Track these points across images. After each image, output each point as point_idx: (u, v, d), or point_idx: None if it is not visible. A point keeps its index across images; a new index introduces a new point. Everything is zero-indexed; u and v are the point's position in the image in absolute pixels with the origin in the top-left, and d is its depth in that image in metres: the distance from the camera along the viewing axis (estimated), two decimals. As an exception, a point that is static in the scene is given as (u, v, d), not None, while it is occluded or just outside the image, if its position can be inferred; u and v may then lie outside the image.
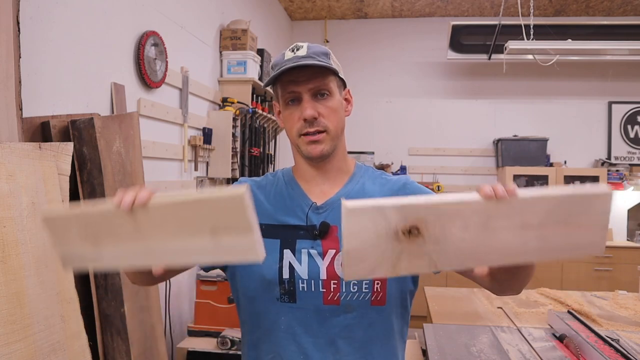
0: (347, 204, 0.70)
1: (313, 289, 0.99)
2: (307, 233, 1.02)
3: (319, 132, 1.00)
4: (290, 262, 1.00)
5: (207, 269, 1.07)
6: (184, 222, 0.74)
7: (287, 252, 1.00)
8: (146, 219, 0.76)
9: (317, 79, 0.99)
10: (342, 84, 1.07)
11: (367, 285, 0.99)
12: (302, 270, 0.99)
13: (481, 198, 0.71)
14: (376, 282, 0.99)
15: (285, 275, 0.99)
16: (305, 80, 0.99)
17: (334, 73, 1.02)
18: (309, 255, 1.00)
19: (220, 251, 0.74)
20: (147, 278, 0.98)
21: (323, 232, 1.01)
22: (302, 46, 1.01)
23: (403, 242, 0.71)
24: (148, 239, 0.77)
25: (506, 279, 0.91)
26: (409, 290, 1.07)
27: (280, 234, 1.02)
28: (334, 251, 1.00)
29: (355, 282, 0.98)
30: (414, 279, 1.07)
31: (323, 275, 0.99)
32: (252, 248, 0.72)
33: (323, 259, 1.00)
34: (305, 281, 0.99)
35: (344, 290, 0.98)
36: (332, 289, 0.98)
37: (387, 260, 0.71)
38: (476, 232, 0.72)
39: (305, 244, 1.01)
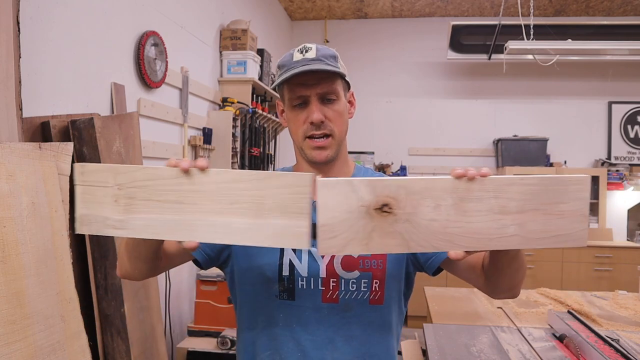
0: (320, 179, 0.72)
1: (312, 287, 0.99)
2: None
3: (325, 135, 1.00)
4: (290, 260, 1.00)
5: (206, 265, 1.06)
6: (239, 196, 0.73)
7: (288, 250, 1.01)
8: (199, 187, 0.74)
9: (325, 83, 0.99)
10: (347, 86, 1.07)
11: (365, 285, 0.99)
12: (302, 268, 1.00)
13: (452, 178, 0.73)
14: (374, 281, 0.99)
15: (285, 272, 1.00)
16: (314, 83, 0.99)
17: (342, 77, 1.02)
18: (309, 253, 1.00)
19: (266, 233, 0.73)
20: (148, 265, 0.96)
21: None
22: (311, 48, 1.00)
23: (375, 219, 0.72)
24: (191, 210, 0.74)
25: (495, 275, 0.92)
26: (403, 291, 1.07)
27: None
28: None
29: (354, 280, 0.99)
30: (408, 282, 1.08)
31: (322, 273, 0.99)
32: (303, 234, 0.72)
33: (323, 258, 1.00)
34: (304, 279, 0.99)
35: (342, 288, 0.99)
36: (331, 288, 0.99)
37: (359, 236, 0.73)
38: (448, 213, 0.73)
39: None
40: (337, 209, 0.72)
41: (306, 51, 1.00)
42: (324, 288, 0.99)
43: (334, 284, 0.99)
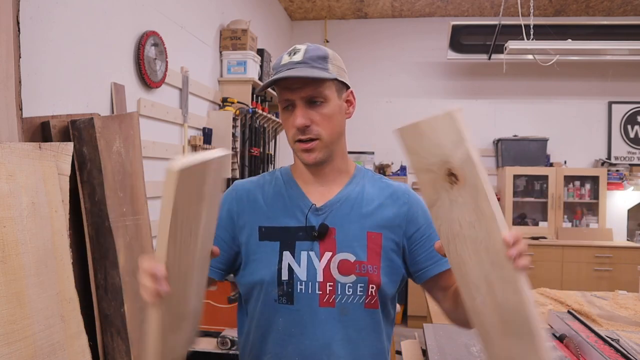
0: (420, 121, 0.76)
1: (310, 291, 0.99)
2: (306, 234, 1.02)
3: (312, 139, 0.99)
4: (289, 264, 1.00)
5: (223, 278, 1.08)
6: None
7: (287, 254, 1.01)
8: None
9: (310, 87, 0.97)
10: (344, 85, 1.05)
11: (361, 289, 1.00)
12: (300, 272, 1.00)
13: (505, 249, 0.69)
14: (371, 286, 1.00)
15: (284, 276, 1.00)
16: (298, 88, 0.97)
17: (331, 78, 1.00)
18: (308, 256, 1.00)
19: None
20: None
21: (322, 233, 1.01)
22: (300, 50, 0.99)
23: (446, 181, 0.75)
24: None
25: (456, 305, 0.98)
26: (395, 294, 1.10)
27: (279, 236, 1.03)
28: (330, 254, 1.00)
29: (351, 285, 0.99)
30: (401, 286, 1.10)
31: (320, 277, 0.99)
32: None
33: (320, 261, 1.00)
34: (303, 283, 0.99)
35: (339, 292, 0.99)
36: (327, 291, 0.99)
37: (438, 187, 0.75)
38: (471, 251, 0.74)
39: (304, 246, 1.01)
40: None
41: (294, 53, 0.99)
42: (321, 292, 0.99)
43: (331, 288, 0.99)
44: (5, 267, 1.27)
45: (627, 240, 4.74)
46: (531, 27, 3.79)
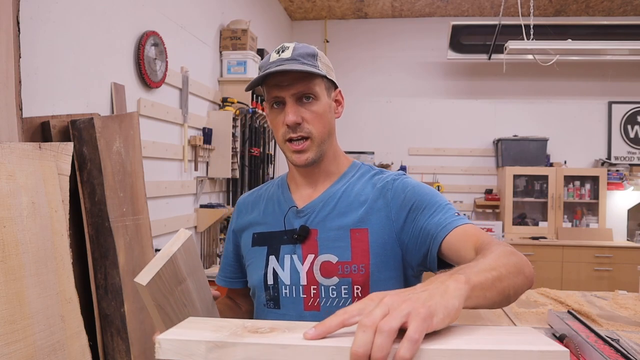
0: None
1: (295, 295, 0.98)
2: (289, 238, 1.01)
3: (303, 138, 0.97)
4: (274, 268, 1.00)
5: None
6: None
7: (272, 259, 1.01)
8: None
9: (300, 83, 0.95)
10: (332, 85, 1.03)
11: (346, 291, 0.95)
12: (285, 276, 0.99)
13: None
14: (355, 287, 0.95)
15: (270, 281, 1.00)
16: (288, 84, 0.96)
17: (320, 76, 0.98)
18: (291, 260, 0.99)
19: None
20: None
21: (302, 236, 0.99)
22: (288, 47, 0.97)
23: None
24: None
25: None
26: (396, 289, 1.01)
27: (267, 241, 1.03)
28: (312, 256, 0.98)
29: (334, 287, 0.95)
30: (408, 284, 0.98)
31: (303, 280, 0.97)
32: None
33: (303, 264, 0.98)
34: (287, 287, 0.98)
35: (323, 295, 0.96)
36: (312, 295, 0.97)
37: None
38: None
39: (288, 249, 1.00)
40: None
41: (282, 51, 0.97)
42: (305, 296, 0.97)
43: (315, 291, 0.97)
44: (5, 267, 1.27)
45: (627, 240, 4.74)
46: (531, 27, 3.78)
